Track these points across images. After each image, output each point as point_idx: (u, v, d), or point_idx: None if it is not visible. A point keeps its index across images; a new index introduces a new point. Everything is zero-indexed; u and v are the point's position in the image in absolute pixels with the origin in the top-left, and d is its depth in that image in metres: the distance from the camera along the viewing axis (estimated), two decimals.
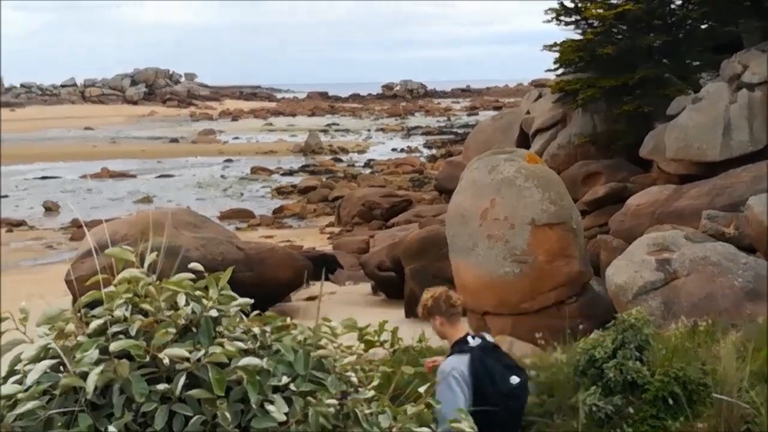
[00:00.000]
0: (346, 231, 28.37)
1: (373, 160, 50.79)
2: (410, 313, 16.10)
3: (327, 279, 20.20)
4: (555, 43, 22.13)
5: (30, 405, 1.60)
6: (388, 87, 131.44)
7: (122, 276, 1.72)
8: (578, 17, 22.12)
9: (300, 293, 19.22)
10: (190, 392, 1.61)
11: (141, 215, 19.55)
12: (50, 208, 34.46)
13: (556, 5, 22.33)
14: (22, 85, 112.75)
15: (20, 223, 31.14)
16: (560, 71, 22.88)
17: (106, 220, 18.61)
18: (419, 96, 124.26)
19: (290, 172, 45.57)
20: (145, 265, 1.78)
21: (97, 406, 1.61)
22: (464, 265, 12.84)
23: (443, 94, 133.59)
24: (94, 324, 1.63)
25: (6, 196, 38.14)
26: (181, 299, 1.70)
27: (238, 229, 28.60)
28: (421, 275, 16.40)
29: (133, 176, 44.63)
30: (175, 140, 65.69)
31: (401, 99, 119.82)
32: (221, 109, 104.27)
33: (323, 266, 20.48)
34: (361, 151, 56.79)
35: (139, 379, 1.50)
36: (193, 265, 1.87)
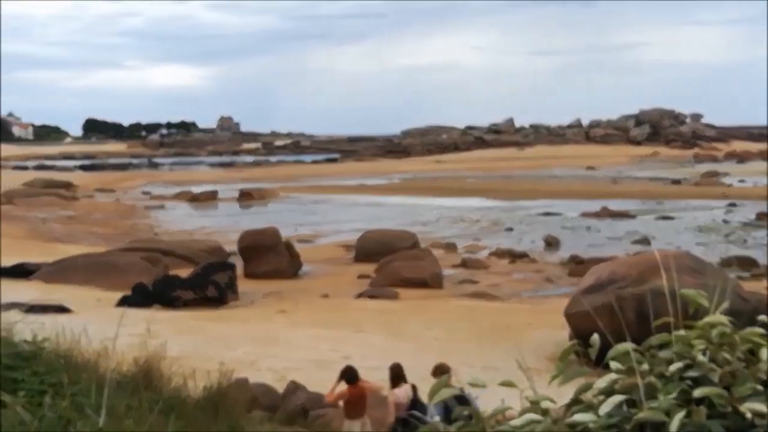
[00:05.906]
0: None
1: None
2: None
3: None
4: None
5: None
6: None
7: (705, 321, 1.74)
8: None
9: None
10: None
11: (641, 256, 19.44)
12: (551, 243, 36.35)
13: None
14: (531, 126, 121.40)
15: (523, 255, 33.36)
16: None
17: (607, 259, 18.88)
18: None
19: None
20: (718, 310, 1.78)
21: None
22: None
23: None
24: (674, 367, 1.67)
25: (511, 229, 41.23)
26: (764, 353, 1.67)
27: (740, 278, 26.83)
28: None
29: (632, 216, 44.75)
30: (677, 181, 64.53)
31: None
32: (727, 150, 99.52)
33: None
34: None
35: (718, 427, 1.50)
36: (761, 318, 1.81)
